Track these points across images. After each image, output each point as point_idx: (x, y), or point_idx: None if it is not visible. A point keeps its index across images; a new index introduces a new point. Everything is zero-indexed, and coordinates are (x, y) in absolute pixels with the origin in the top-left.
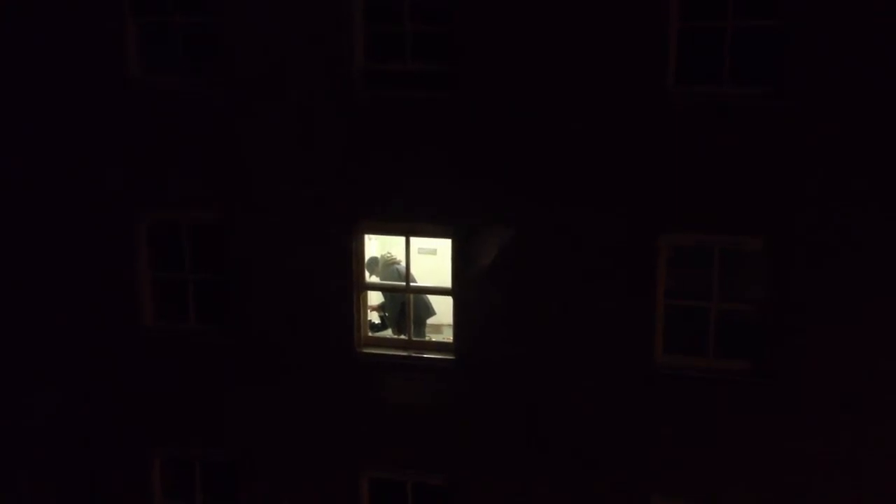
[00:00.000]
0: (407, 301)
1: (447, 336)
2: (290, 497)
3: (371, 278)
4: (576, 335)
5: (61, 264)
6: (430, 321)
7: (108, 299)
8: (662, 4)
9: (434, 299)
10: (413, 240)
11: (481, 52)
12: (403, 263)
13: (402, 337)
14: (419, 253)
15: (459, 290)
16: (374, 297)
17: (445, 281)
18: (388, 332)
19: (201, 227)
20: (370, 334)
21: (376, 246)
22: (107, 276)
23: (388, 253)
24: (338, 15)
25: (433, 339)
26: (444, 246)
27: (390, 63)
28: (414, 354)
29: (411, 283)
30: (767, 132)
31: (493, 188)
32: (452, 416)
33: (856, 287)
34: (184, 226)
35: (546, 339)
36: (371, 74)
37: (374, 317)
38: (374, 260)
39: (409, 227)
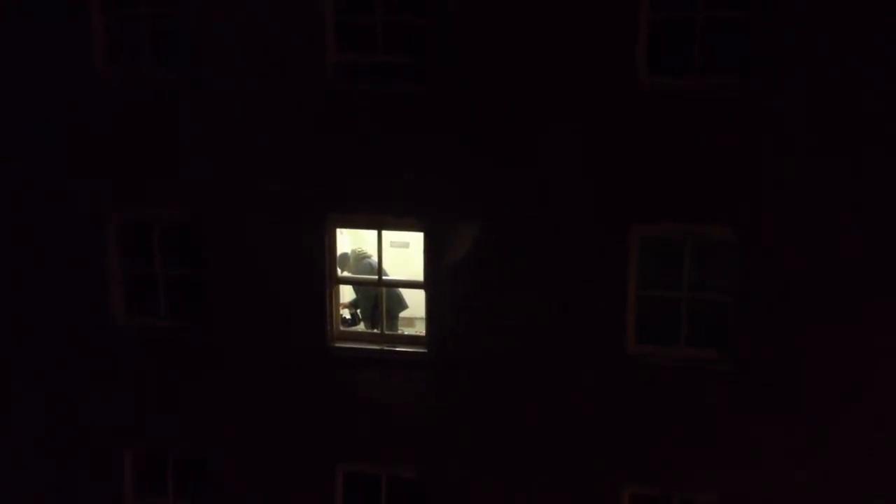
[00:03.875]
0: (379, 295)
1: (420, 329)
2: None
3: (342, 274)
4: (548, 327)
5: (31, 261)
6: (402, 314)
7: (79, 296)
8: None
9: (406, 292)
10: (385, 233)
11: (453, 46)
12: (375, 257)
13: (375, 331)
14: (391, 246)
15: (432, 283)
16: (346, 295)
17: (418, 274)
18: (361, 327)
19: (172, 224)
20: (342, 329)
21: (348, 240)
22: (77, 272)
23: (359, 247)
24: (309, 7)
25: (406, 333)
26: (416, 239)
27: (363, 56)
28: (387, 348)
29: (383, 277)
30: (738, 122)
31: (466, 181)
32: (426, 408)
33: (826, 278)
34: (154, 222)
35: (518, 332)
36: (343, 68)
37: (346, 313)
38: (345, 256)
39: (381, 220)
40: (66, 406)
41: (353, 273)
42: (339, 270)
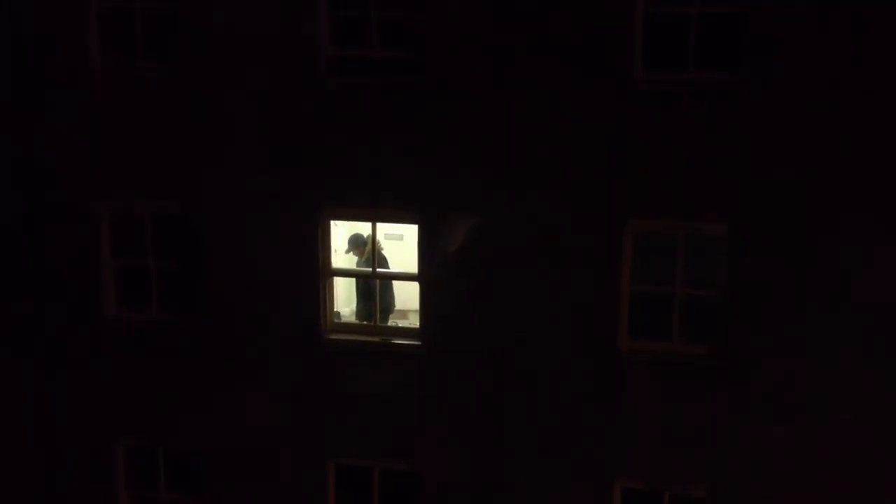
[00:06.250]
0: (374, 287)
1: (413, 322)
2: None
3: (349, 254)
4: (542, 320)
5: (23, 253)
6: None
7: (71, 288)
8: None
9: (398, 285)
10: (379, 225)
11: (448, 39)
12: (385, 252)
13: (367, 323)
14: (385, 239)
15: (426, 275)
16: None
17: (412, 267)
18: (353, 319)
19: (164, 216)
20: (335, 321)
21: (342, 234)
22: (69, 265)
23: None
24: (304, 1)
25: (399, 325)
26: (410, 231)
27: (357, 50)
28: (380, 340)
29: (378, 269)
30: (732, 118)
31: (461, 174)
32: (419, 401)
33: (823, 276)
34: (147, 215)
35: (512, 325)
36: (338, 61)
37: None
38: (358, 237)
39: (375, 212)
40: (56, 399)
41: (362, 258)
42: (346, 248)
